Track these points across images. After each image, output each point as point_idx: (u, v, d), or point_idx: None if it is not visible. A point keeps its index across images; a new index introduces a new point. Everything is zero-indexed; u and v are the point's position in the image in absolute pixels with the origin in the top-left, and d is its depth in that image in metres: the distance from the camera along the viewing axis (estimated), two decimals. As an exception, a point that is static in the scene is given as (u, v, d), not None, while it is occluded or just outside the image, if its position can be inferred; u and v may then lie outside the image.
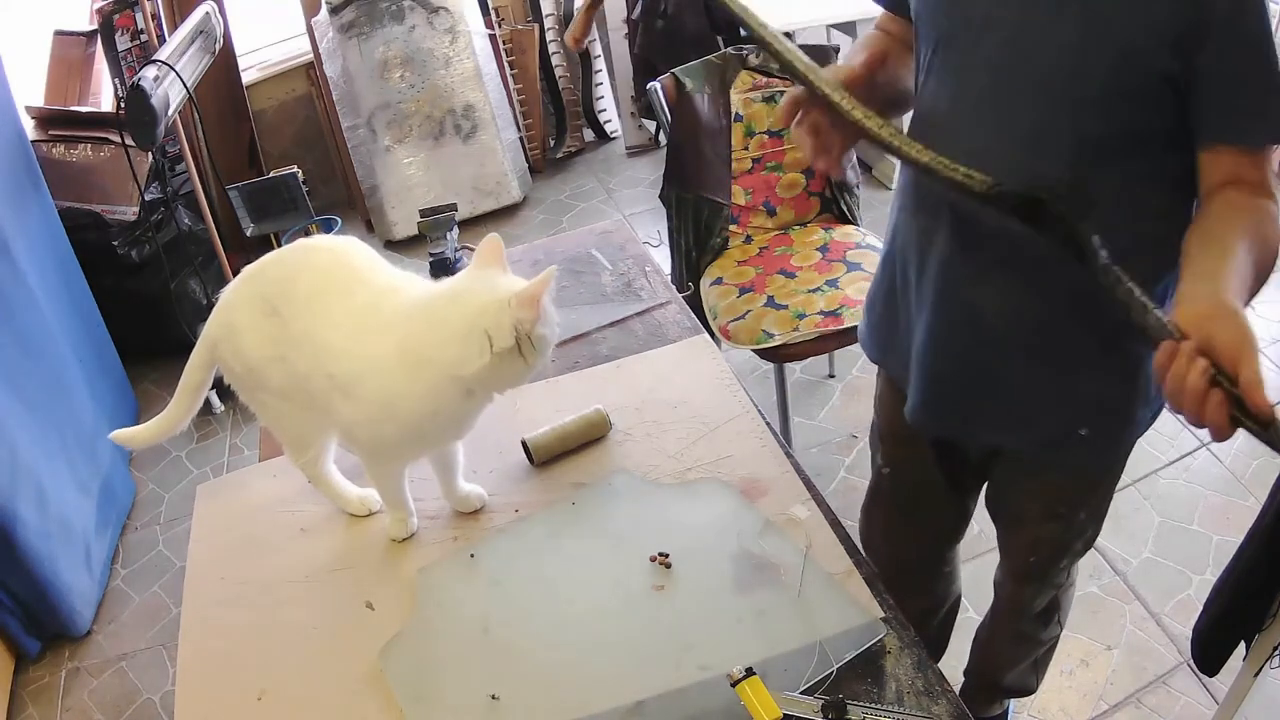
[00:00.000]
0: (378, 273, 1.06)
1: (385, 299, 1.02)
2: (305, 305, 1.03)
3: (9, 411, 2.05)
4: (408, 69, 3.49)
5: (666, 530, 1.10)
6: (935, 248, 1.09)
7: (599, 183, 3.86)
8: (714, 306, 2.16)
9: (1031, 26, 0.94)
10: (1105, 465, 1.25)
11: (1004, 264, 1.03)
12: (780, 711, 0.83)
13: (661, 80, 2.20)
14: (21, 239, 2.30)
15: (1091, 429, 1.13)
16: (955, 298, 1.09)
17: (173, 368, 3.52)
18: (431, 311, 0.99)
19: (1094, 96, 0.92)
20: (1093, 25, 0.90)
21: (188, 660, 1.05)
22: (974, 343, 1.10)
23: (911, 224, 1.14)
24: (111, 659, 2.20)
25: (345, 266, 1.05)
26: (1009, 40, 0.95)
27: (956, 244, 1.06)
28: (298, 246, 1.09)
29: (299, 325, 1.03)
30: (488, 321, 0.95)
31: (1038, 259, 0.97)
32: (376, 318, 1.01)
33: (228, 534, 1.20)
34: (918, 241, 1.12)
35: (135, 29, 3.11)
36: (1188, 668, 1.87)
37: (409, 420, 1.01)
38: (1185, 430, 2.42)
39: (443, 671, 0.98)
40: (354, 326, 1.00)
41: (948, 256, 1.08)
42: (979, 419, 1.18)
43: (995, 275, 1.05)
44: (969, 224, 1.03)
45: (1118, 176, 0.96)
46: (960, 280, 1.08)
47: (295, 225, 3.11)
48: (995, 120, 0.98)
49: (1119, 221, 0.93)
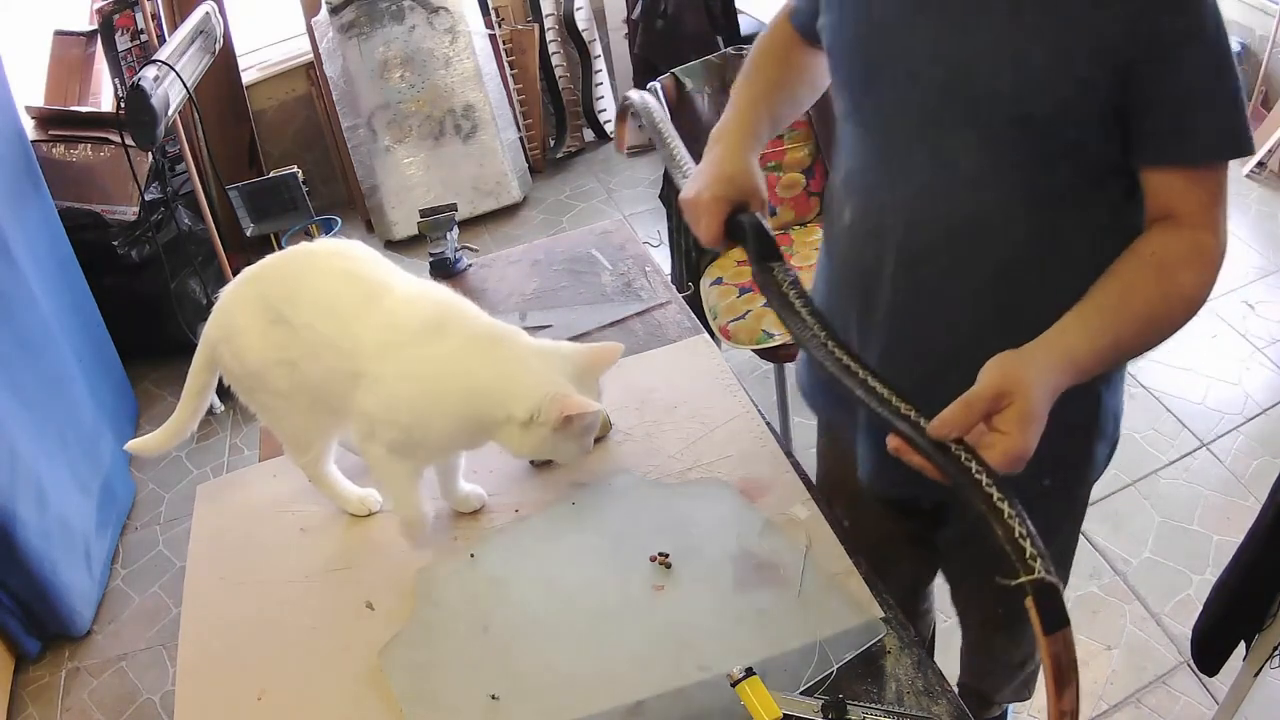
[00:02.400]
0: (393, 275, 1.07)
1: (418, 305, 1.04)
2: (322, 311, 1.03)
3: (9, 411, 2.05)
4: (408, 69, 3.48)
5: (666, 530, 1.10)
6: (881, 290, 1.01)
7: (599, 183, 3.86)
8: (714, 306, 2.16)
9: (968, 60, 0.87)
10: (1067, 509, 1.19)
11: (961, 305, 0.97)
12: (780, 711, 0.83)
13: (661, 80, 2.20)
14: (21, 239, 2.30)
15: (1054, 479, 1.05)
16: (909, 348, 1.02)
17: (173, 368, 3.51)
18: (500, 348, 1.01)
19: (1042, 130, 0.87)
20: (1035, 57, 0.84)
21: (188, 660, 1.05)
22: (934, 399, 0.99)
23: (851, 263, 1.06)
24: (111, 659, 2.19)
25: (359, 271, 1.06)
26: (945, 76, 0.88)
27: (906, 283, 0.99)
28: (300, 253, 1.10)
29: (316, 331, 1.03)
30: (522, 387, 0.97)
31: (1000, 306, 0.95)
32: (414, 322, 1.02)
33: (228, 534, 1.20)
34: (860, 283, 1.04)
35: (135, 29, 3.10)
36: (1188, 668, 1.87)
37: (438, 430, 1.02)
38: (1185, 430, 2.42)
39: (443, 671, 0.98)
40: (390, 329, 1.01)
41: (896, 303, 1.00)
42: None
43: (950, 319, 0.98)
44: (919, 261, 0.97)
45: (1073, 214, 0.92)
46: (912, 325, 1.00)
47: (295, 225, 3.10)
48: (934, 163, 0.92)
49: (1079, 260, 0.91)
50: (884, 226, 0.98)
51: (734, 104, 1.11)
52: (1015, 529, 0.74)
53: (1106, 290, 0.88)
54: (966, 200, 0.92)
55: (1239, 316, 2.75)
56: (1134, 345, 0.90)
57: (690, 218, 1.04)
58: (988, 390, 0.80)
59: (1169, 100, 0.84)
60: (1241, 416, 2.44)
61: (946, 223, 0.94)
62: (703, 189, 1.02)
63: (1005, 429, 0.79)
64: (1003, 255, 0.94)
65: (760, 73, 1.14)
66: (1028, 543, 0.73)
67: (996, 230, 0.92)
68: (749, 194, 1.02)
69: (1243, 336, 2.69)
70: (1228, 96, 0.85)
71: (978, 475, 0.77)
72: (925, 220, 0.94)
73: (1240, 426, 2.41)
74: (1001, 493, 0.76)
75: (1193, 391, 2.53)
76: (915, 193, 0.94)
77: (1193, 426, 2.43)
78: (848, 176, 1.03)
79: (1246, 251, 3.03)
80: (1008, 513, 0.75)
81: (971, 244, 0.94)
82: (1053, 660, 0.73)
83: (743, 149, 1.05)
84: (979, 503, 0.76)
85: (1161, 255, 0.88)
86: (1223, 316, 2.76)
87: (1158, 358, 2.63)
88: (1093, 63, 0.83)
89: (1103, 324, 0.86)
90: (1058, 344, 0.84)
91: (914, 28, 0.89)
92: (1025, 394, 0.79)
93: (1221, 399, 2.50)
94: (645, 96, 1.59)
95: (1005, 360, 0.82)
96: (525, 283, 1.64)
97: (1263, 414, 2.45)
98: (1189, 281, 0.87)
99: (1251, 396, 2.50)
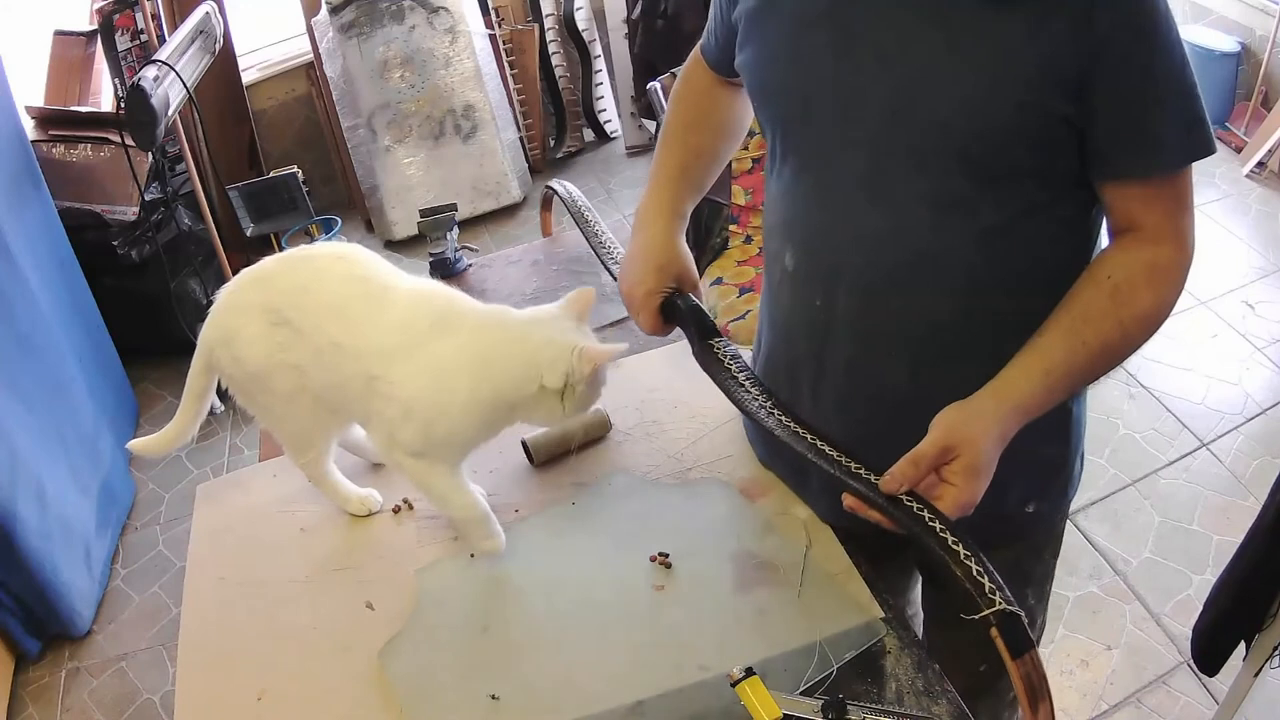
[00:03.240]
0: (397, 277, 1.08)
1: (424, 303, 1.05)
2: (330, 315, 1.04)
3: (9, 411, 2.05)
4: (408, 69, 3.49)
5: (666, 530, 1.10)
6: (835, 334, 0.98)
7: (599, 183, 3.86)
8: (714, 306, 2.16)
9: (907, 95, 0.84)
10: (1047, 531, 1.15)
11: (921, 342, 0.94)
12: (780, 711, 0.83)
13: (661, 80, 2.20)
14: (21, 239, 2.30)
15: (1037, 502, 1.04)
16: (863, 399, 0.99)
17: (173, 368, 3.51)
18: (505, 329, 1.03)
19: (989, 159, 0.84)
20: (974, 87, 0.81)
21: (188, 660, 1.05)
22: (901, 451, 0.90)
23: (798, 308, 1.01)
24: (111, 659, 2.20)
25: (363, 274, 1.06)
26: (883, 112, 0.85)
27: (861, 325, 0.95)
28: (299, 256, 1.10)
29: (325, 334, 1.03)
30: (547, 357, 0.99)
31: (959, 339, 0.93)
32: (424, 321, 1.03)
33: (228, 534, 1.20)
34: (809, 329, 1.00)
35: (135, 29, 3.10)
36: (1188, 668, 1.87)
37: (461, 424, 1.03)
38: (1185, 430, 2.42)
39: (443, 671, 0.98)
40: (403, 330, 1.02)
41: (852, 347, 0.97)
42: None
43: (910, 356, 0.95)
44: (872, 302, 0.93)
45: (1028, 239, 0.89)
46: (868, 366, 0.97)
47: (295, 225, 3.10)
48: (879, 202, 0.89)
49: (1037, 283, 0.90)
50: (832, 269, 0.94)
51: (655, 179, 1.12)
52: (972, 568, 0.79)
53: (1060, 324, 0.87)
54: (916, 237, 0.89)
55: (1239, 316, 2.76)
56: (1090, 375, 0.89)
57: (629, 309, 1.08)
58: (933, 447, 0.84)
59: (1121, 108, 0.81)
60: (1241, 416, 2.44)
61: (895, 261, 0.90)
62: (635, 284, 1.06)
63: (954, 481, 0.83)
64: (957, 289, 0.90)
65: (677, 138, 1.13)
66: (985, 579, 0.78)
67: (949, 265, 0.89)
68: (681, 279, 1.07)
69: (1243, 336, 2.69)
70: (1183, 98, 0.81)
71: (931, 523, 0.81)
72: (874, 261, 0.91)
73: (1240, 426, 2.41)
74: (955, 536, 0.81)
75: (1193, 391, 2.53)
76: (860, 233, 0.91)
77: (1193, 426, 2.43)
78: (787, 218, 0.99)
79: (1247, 251, 3.03)
80: (963, 554, 0.80)
81: (924, 281, 0.90)
82: (1024, 681, 0.78)
83: (669, 233, 1.08)
84: (937, 548, 0.81)
85: (1118, 279, 0.86)
86: (1223, 316, 2.76)
87: (1158, 358, 2.63)
88: (1035, 85, 0.80)
89: (1053, 363, 0.86)
90: (1007, 392, 0.86)
91: (848, 66, 0.86)
92: (971, 447, 0.83)
93: (1221, 399, 2.50)
94: (568, 186, 1.59)
95: (952, 415, 0.85)
96: (525, 283, 1.65)
97: (1263, 414, 2.45)
98: (1147, 303, 0.86)
99: (1251, 396, 2.50)
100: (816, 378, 1.02)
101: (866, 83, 0.85)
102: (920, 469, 0.83)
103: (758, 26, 0.94)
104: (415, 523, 1.17)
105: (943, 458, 0.84)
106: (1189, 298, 2.83)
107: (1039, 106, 0.81)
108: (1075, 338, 0.86)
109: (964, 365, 0.91)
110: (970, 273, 0.90)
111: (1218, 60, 3.45)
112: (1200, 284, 2.87)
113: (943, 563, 0.80)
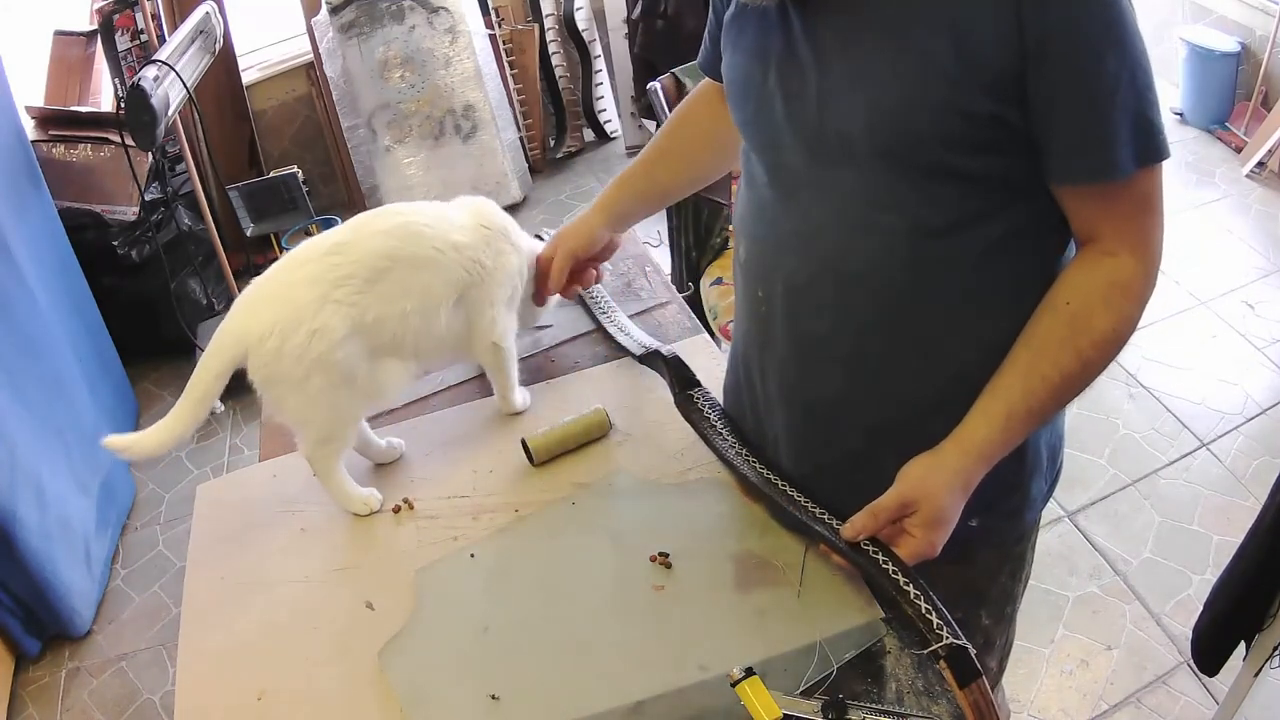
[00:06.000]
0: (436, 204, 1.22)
1: (473, 206, 1.23)
2: (410, 237, 1.14)
3: (9, 411, 2.05)
4: (408, 69, 3.49)
5: (666, 530, 1.10)
6: (772, 341, 1.00)
7: (599, 183, 3.86)
8: (714, 306, 2.16)
9: (829, 98, 0.85)
10: (1004, 553, 1.13)
11: (848, 359, 0.95)
12: (780, 711, 0.83)
13: (661, 80, 2.20)
14: (21, 239, 2.31)
15: (982, 519, 1.00)
16: (800, 400, 1.01)
17: (173, 368, 3.51)
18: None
19: (913, 162, 0.84)
20: (890, 89, 0.82)
21: (188, 660, 1.05)
22: (839, 453, 1.00)
23: (746, 299, 1.04)
24: (111, 659, 2.20)
25: (407, 207, 1.18)
26: (813, 115, 0.87)
27: (794, 322, 0.97)
28: (337, 229, 1.15)
29: (399, 274, 1.11)
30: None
31: (890, 344, 0.93)
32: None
33: (228, 534, 1.20)
34: (755, 321, 1.02)
35: (135, 29, 3.11)
36: (1188, 668, 1.87)
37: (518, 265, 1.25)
38: (1185, 430, 2.42)
39: (443, 671, 0.98)
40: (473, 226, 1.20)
41: (784, 356, 1.00)
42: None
43: (840, 357, 0.96)
44: (803, 300, 0.95)
45: (965, 244, 0.87)
46: (803, 375, 0.99)
47: (295, 225, 3.11)
48: (817, 200, 0.90)
49: (974, 290, 0.89)
50: (773, 264, 0.97)
51: (617, 176, 1.31)
52: (921, 606, 0.86)
53: (1019, 361, 0.88)
54: (848, 236, 0.89)
55: (1239, 316, 2.76)
56: (1056, 406, 0.90)
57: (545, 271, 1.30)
58: (893, 502, 0.89)
59: (1062, 109, 0.79)
60: (1241, 416, 2.45)
61: (823, 259, 0.91)
62: (546, 255, 1.31)
63: (914, 533, 0.89)
64: (888, 290, 0.90)
65: (655, 139, 1.27)
66: (933, 615, 0.85)
67: (879, 266, 0.89)
68: (576, 254, 1.29)
69: (1243, 336, 2.69)
70: (1134, 100, 0.79)
71: (884, 565, 0.89)
72: (808, 256, 0.92)
73: (1240, 426, 2.42)
74: (906, 576, 0.88)
75: (1193, 391, 2.53)
76: (797, 229, 0.93)
77: (1193, 426, 2.43)
78: (742, 211, 1.03)
79: (1247, 251, 3.03)
80: (913, 593, 0.87)
81: (854, 281, 0.90)
82: (972, 708, 0.83)
83: (586, 221, 1.30)
84: (889, 588, 0.88)
85: (1076, 305, 0.86)
86: (1223, 316, 2.77)
87: (1158, 358, 2.63)
88: (957, 85, 0.79)
89: (1012, 405, 0.87)
90: (970, 441, 0.89)
91: (783, 70, 0.89)
92: (930, 502, 0.88)
93: (1221, 399, 2.50)
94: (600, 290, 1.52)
95: (915, 469, 0.90)
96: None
97: (1263, 414, 2.45)
98: (1105, 327, 0.85)
99: (1251, 396, 2.50)
100: (763, 370, 1.05)
101: (798, 85, 0.88)
102: (879, 521, 0.90)
103: (728, 30, 0.98)
104: (415, 523, 1.17)
105: (902, 511, 0.89)
106: (1189, 298, 2.83)
107: (957, 106, 0.79)
108: (1034, 374, 0.87)
109: (893, 376, 0.94)
110: (903, 274, 0.88)
111: (1218, 60, 3.45)
112: (1200, 284, 2.87)
113: (894, 602, 0.88)
